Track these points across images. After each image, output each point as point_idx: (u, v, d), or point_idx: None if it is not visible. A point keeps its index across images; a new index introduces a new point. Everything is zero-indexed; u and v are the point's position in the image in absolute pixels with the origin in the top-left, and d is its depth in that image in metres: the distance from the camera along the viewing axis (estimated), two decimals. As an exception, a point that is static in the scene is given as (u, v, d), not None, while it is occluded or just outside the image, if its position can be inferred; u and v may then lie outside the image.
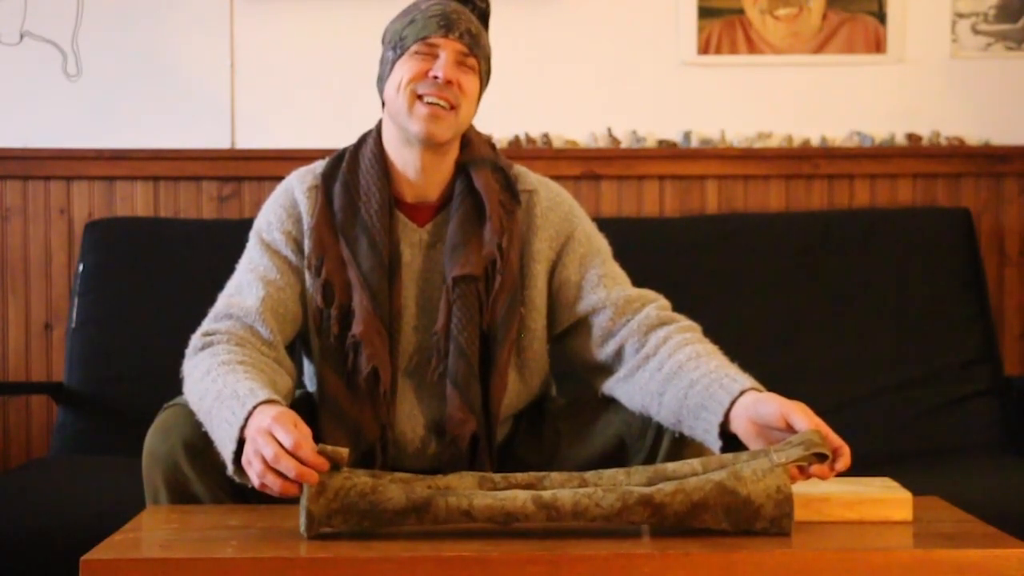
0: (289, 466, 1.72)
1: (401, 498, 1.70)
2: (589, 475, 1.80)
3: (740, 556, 1.60)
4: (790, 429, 1.81)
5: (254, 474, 1.78)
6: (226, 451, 1.85)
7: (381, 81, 2.18)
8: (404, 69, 2.12)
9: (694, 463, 1.79)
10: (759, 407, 1.86)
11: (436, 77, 2.09)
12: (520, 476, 1.80)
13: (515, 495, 1.70)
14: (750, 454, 1.77)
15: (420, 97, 2.10)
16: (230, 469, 1.85)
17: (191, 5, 3.44)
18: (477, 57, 2.13)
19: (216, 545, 1.67)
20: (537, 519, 1.70)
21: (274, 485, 1.75)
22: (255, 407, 1.83)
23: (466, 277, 2.12)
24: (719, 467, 1.77)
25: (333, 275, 2.13)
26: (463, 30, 2.12)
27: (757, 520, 1.70)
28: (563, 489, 1.72)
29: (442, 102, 2.10)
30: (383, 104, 2.19)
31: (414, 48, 2.11)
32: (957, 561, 1.60)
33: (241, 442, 1.83)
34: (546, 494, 1.70)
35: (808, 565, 1.60)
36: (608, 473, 1.80)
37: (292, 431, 1.74)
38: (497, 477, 1.79)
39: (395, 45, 2.14)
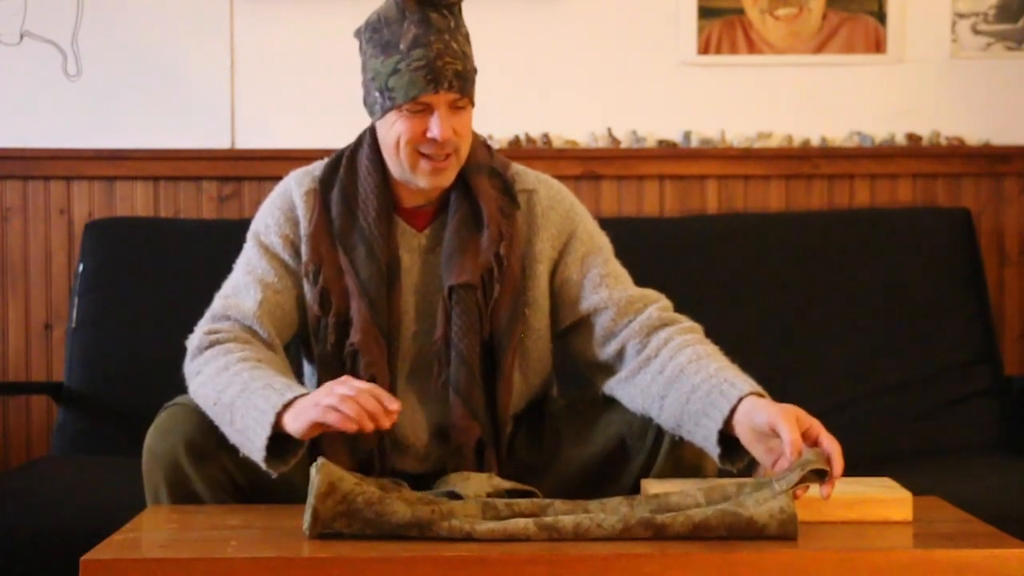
0: (370, 399, 1.82)
1: (406, 513, 1.71)
2: (592, 504, 1.79)
3: (740, 556, 1.61)
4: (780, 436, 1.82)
5: (323, 407, 1.84)
6: (257, 438, 1.88)
7: (368, 107, 2.13)
8: (399, 127, 2.07)
9: (698, 496, 1.78)
10: (754, 416, 1.87)
11: (434, 139, 2.06)
12: (523, 504, 1.79)
13: (517, 520, 1.71)
14: (753, 484, 1.77)
15: (422, 155, 2.08)
16: (260, 455, 1.88)
17: (191, 5, 3.44)
18: (469, 94, 2.08)
19: (216, 545, 1.67)
20: (538, 539, 1.70)
21: (350, 410, 1.82)
22: (295, 399, 1.88)
23: (463, 285, 2.11)
24: (722, 499, 1.77)
25: (330, 283, 2.13)
26: (451, 78, 2.04)
27: (761, 538, 1.70)
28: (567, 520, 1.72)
29: (444, 157, 2.08)
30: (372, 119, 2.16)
31: (405, 107, 2.06)
32: (957, 561, 1.60)
33: (275, 429, 1.86)
34: (548, 518, 1.71)
35: (808, 565, 1.60)
36: (612, 504, 1.79)
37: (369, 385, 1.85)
38: (500, 504, 1.78)
39: (382, 90, 2.08)
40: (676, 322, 2.12)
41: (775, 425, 1.81)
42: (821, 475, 1.76)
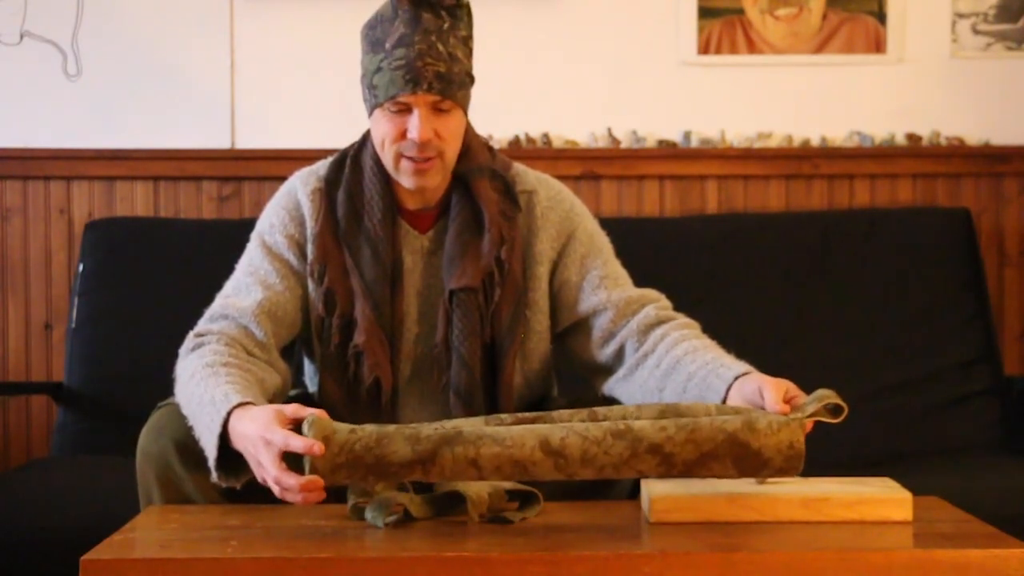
0: (296, 499, 1.74)
1: (407, 451, 1.68)
2: (599, 410, 1.78)
3: (740, 556, 1.61)
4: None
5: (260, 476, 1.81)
6: (210, 458, 1.86)
7: (365, 104, 2.13)
8: (382, 126, 2.08)
9: (709, 406, 1.79)
10: (744, 388, 1.89)
11: (413, 139, 2.05)
12: (527, 415, 1.78)
13: (523, 441, 1.68)
14: (764, 413, 1.78)
15: (403, 155, 2.08)
16: (214, 476, 1.86)
17: (191, 5, 3.44)
18: (453, 96, 2.06)
19: (216, 545, 1.67)
20: (545, 467, 1.69)
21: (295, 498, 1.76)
22: (229, 413, 1.84)
23: (464, 289, 2.11)
24: (734, 413, 1.77)
25: (335, 283, 2.13)
26: (430, 79, 2.03)
27: (764, 469, 1.72)
28: (572, 434, 1.70)
29: (425, 159, 2.08)
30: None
31: (386, 105, 2.06)
32: (957, 561, 1.60)
33: (222, 448, 1.84)
34: (554, 439, 1.68)
35: (808, 565, 1.60)
36: (617, 409, 1.79)
37: (272, 465, 1.74)
38: (505, 415, 1.78)
39: (369, 88, 2.09)
40: (673, 319, 2.12)
41: (762, 389, 1.83)
42: (836, 412, 1.77)
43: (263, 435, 1.76)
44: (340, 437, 1.69)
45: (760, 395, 1.84)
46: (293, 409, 1.78)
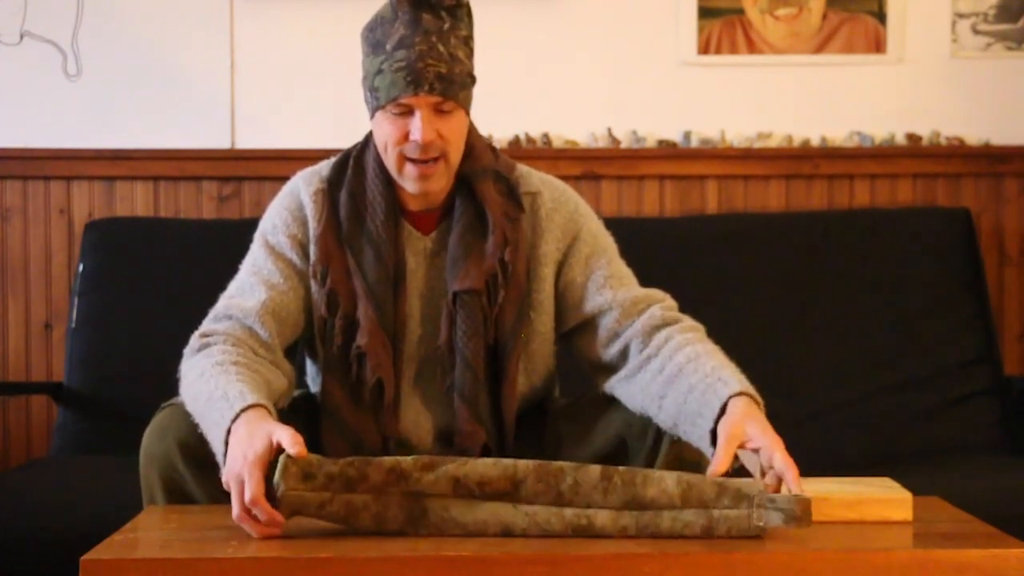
0: (255, 522, 1.73)
1: (373, 530, 1.73)
2: (565, 487, 1.74)
3: (740, 556, 1.61)
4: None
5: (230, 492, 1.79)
6: (218, 453, 1.86)
7: (367, 106, 2.13)
8: (385, 128, 2.07)
9: (672, 490, 1.72)
10: (723, 429, 1.86)
11: (416, 141, 2.04)
12: (495, 478, 1.74)
13: (485, 528, 1.72)
14: (733, 493, 1.71)
15: (408, 159, 2.07)
16: (222, 472, 1.86)
17: (191, 5, 3.44)
18: (455, 97, 2.06)
19: (216, 545, 1.67)
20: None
21: (252, 530, 1.74)
22: (241, 411, 1.83)
23: (468, 291, 2.10)
24: (698, 503, 1.72)
25: (338, 285, 2.12)
26: (432, 80, 2.02)
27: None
28: (534, 525, 1.72)
29: (428, 160, 2.07)
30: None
31: (388, 107, 2.05)
32: (957, 561, 1.60)
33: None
34: (516, 530, 1.72)
35: (808, 565, 1.60)
36: (584, 488, 1.74)
37: (254, 484, 1.72)
38: (473, 483, 1.74)
39: (370, 90, 2.08)
40: (678, 321, 2.12)
41: (718, 442, 1.83)
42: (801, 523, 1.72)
43: (243, 472, 1.75)
44: (309, 511, 1.72)
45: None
46: (286, 442, 1.75)
